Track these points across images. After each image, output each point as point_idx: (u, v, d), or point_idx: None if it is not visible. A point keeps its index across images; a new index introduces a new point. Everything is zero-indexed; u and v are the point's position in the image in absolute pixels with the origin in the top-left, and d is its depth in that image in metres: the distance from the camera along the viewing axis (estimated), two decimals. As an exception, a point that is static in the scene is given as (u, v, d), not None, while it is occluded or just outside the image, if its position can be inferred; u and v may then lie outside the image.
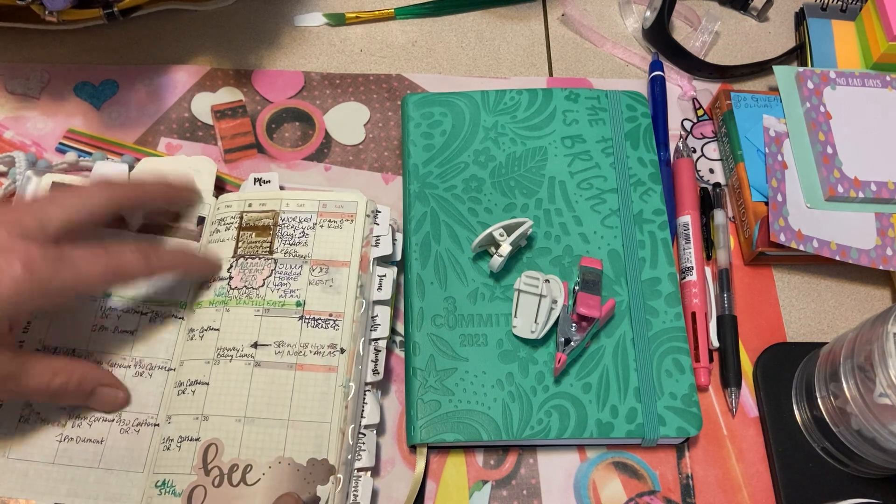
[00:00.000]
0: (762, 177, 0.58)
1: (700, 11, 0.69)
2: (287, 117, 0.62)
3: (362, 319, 0.50)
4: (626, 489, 0.51)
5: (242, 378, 0.48)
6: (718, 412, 0.54)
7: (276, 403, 0.48)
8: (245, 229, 0.53)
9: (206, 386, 0.48)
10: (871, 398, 0.46)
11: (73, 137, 0.59)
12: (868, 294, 0.59)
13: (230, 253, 0.52)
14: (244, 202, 0.54)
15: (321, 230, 0.53)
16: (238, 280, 0.51)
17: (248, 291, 0.51)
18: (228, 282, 0.51)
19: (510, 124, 0.59)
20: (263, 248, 0.52)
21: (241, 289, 0.51)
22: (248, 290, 0.51)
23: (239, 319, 0.50)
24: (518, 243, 0.53)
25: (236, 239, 0.53)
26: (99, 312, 0.50)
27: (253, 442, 0.46)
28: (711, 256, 0.59)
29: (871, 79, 0.62)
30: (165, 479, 0.46)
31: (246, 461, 0.46)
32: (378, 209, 0.54)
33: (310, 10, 0.67)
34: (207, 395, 0.48)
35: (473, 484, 0.50)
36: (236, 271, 0.51)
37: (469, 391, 0.50)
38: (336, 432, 0.47)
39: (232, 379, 0.48)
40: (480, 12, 0.69)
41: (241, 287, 0.51)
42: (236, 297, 0.50)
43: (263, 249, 0.52)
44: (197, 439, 0.46)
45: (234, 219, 0.53)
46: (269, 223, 0.53)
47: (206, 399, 0.47)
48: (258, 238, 0.52)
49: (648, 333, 0.52)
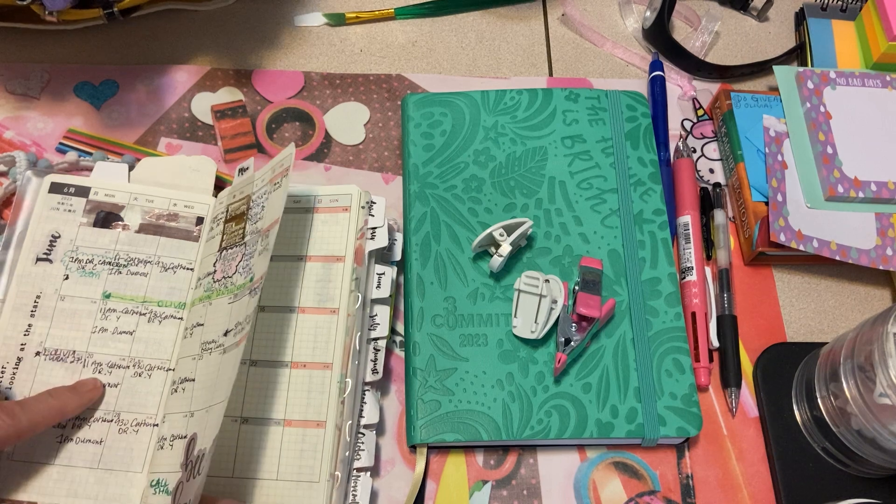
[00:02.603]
0: (762, 177, 0.58)
1: (700, 11, 0.69)
2: (287, 117, 0.62)
3: (358, 315, 0.50)
4: (626, 489, 0.51)
5: (214, 368, 0.47)
6: (718, 412, 0.54)
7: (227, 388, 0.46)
8: (229, 221, 0.53)
9: (193, 382, 0.48)
10: (871, 398, 0.46)
11: (74, 137, 0.59)
12: (868, 294, 0.59)
13: (216, 248, 0.52)
14: (230, 195, 0.54)
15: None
16: (220, 272, 0.51)
17: (224, 281, 0.50)
18: (213, 275, 0.51)
19: (510, 124, 0.59)
20: (238, 236, 0.51)
21: (220, 280, 0.50)
22: (225, 279, 0.50)
23: (218, 310, 0.49)
24: (518, 243, 0.53)
25: (222, 232, 0.53)
26: (99, 314, 0.50)
27: (213, 430, 0.44)
28: (711, 256, 0.59)
29: (871, 79, 0.62)
30: (160, 477, 0.46)
31: (203, 448, 0.44)
32: (373, 200, 0.54)
33: (310, 10, 0.67)
34: (194, 392, 0.47)
35: (473, 484, 0.50)
36: (219, 264, 0.51)
37: (469, 391, 0.50)
38: (333, 429, 0.47)
39: (211, 371, 0.47)
40: (480, 12, 0.69)
41: (221, 278, 0.50)
42: (217, 290, 0.50)
43: (238, 237, 0.51)
44: (185, 437, 0.46)
45: (223, 213, 0.53)
46: (244, 209, 0.52)
47: (192, 395, 0.47)
48: (237, 227, 0.52)
49: (648, 333, 0.52)
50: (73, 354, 0.49)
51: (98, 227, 0.52)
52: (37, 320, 0.49)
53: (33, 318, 0.49)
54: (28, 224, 0.52)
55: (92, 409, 0.48)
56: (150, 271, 0.52)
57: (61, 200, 0.53)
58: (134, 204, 0.54)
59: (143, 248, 0.52)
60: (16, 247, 0.51)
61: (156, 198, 0.54)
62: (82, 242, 0.52)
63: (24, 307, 0.49)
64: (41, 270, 0.50)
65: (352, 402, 0.48)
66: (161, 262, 0.52)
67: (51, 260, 0.51)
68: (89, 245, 0.52)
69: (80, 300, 0.50)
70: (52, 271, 0.51)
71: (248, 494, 0.46)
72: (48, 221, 0.52)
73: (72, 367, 0.49)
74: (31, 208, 0.52)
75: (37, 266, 0.51)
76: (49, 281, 0.50)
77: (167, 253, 0.53)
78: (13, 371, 0.48)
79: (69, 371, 0.49)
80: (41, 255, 0.51)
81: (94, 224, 0.52)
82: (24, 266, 0.50)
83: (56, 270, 0.51)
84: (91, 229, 0.52)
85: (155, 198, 0.54)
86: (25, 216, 0.52)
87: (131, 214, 0.53)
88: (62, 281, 0.50)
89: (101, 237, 0.52)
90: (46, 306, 0.50)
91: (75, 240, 0.52)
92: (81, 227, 0.52)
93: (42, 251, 0.51)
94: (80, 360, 0.49)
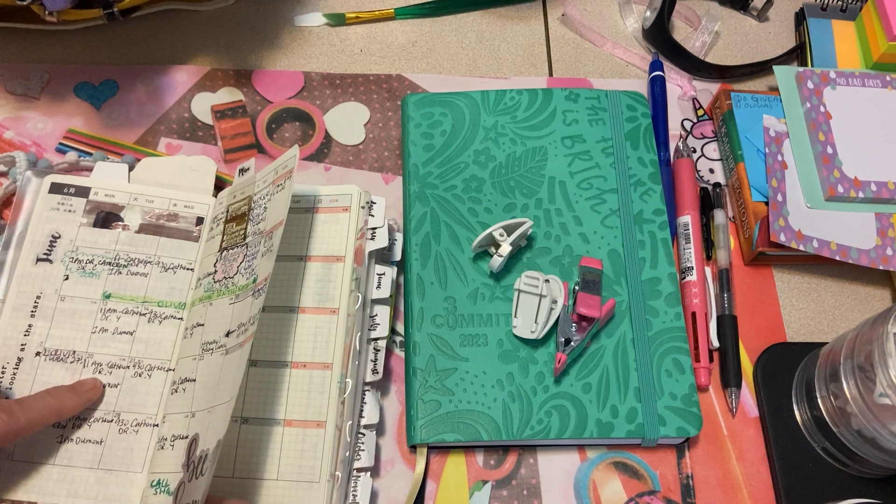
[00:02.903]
0: (762, 177, 0.58)
1: (700, 11, 0.69)
2: (287, 117, 0.62)
3: (358, 315, 0.50)
4: (626, 489, 0.51)
5: (216, 368, 0.47)
6: (718, 412, 0.54)
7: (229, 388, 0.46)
8: (229, 221, 0.53)
9: (193, 382, 0.48)
10: (871, 398, 0.46)
11: (74, 137, 0.59)
12: (868, 294, 0.59)
13: (216, 248, 0.52)
14: (231, 195, 0.54)
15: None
16: (220, 273, 0.51)
17: (226, 282, 0.50)
18: (213, 276, 0.51)
19: (510, 124, 0.59)
20: (239, 236, 0.52)
21: (221, 280, 0.50)
22: (226, 280, 0.50)
23: (219, 311, 0.49)
24: (518, 243, 0.53)
25: (223, 233, 0.53)
26: (99, 314, 0.50)
27: (218, 431, 0.44)
28: (711, 256, 0.59)
29: (871, 79, 0.62)
30: (160, 478, 0.46)
31: (206, 449, 0.44)
32: (373, 200, 0.54)
33: (310, 10, 0.67)
34: (195, 392, 0.47)
35: (473, 484, 0.50)
36: (220, 265, 0.51)
37: (469, 391, 0.50)
38: (333, 430, 0.47)
39: (212, 371, 0.47)
40: (480, 12, 0.69)
41: (222, 279, 0.50)
42: (217, 290, 0.50)
43: (239, 237, 0.52)
44: (186, 437, 0.46)
45: (223, 213, 0.53)
46: (245, 210, 0.52)
47: (193, 396, 0.47)
48: (237, 227, 0.52)
49: (648, 333, 0.52)
50: (73, 355, 0.49)
51: (98, 228, 0.52)
52: (37, 320, 0.49)
53: (33, 319, 0.49)
54: (28, 224, 0.52)
55: (92, 409, 0.48)
56: (150, 271, 0.52)
57: (61, 201, 0.53)
58: (134, 204, 0.54)
59: (143, 249, 0.52)
60: (16, 247, 0.51)
61: (156, 198, 0.54)
62: (82, 243, 0.52)
63: (25, 307, 0.49)
64: (41, 271, 0.50)
65: (352, 402, 0.48)
66: (161, 263, 0.52)
67: (51, 260, 0.51)
68: (89, 245, 0.52)
69: (81, 300, 0.50)
70: (52, 272, 0.51)
71: (249, 494, 0.46)
72: (48, 222, 0.52)
73: (72, 368, 0.49)
74: (31, 208, 0.52)
75: (37, 266, 0.51)
76: (49, 281, 0.50)
77: (167, 253, 0.53)
78: (13, 371, 0.48)
79: (69, 371, 0.49)
80: (41, 255, 0.51)
81: (94, 224, 0.52)
82: (25, 266, 0.50)
83: (56, 271, 0.51)
84: (91, 229, 0.52)
85: (155, 198, 0.54)
86: (25, 216, 0.52)
87: (131, 215, 0.53)
88: (62, 281, 0.50)
89: (101, 237, 0.52)
90: (47, 307, 0.50)
91: (75, 240, 0.52)
92: (81, 227, 0.52)
93: (42, 251, 0.51)
94: (81, 360, 0.49)
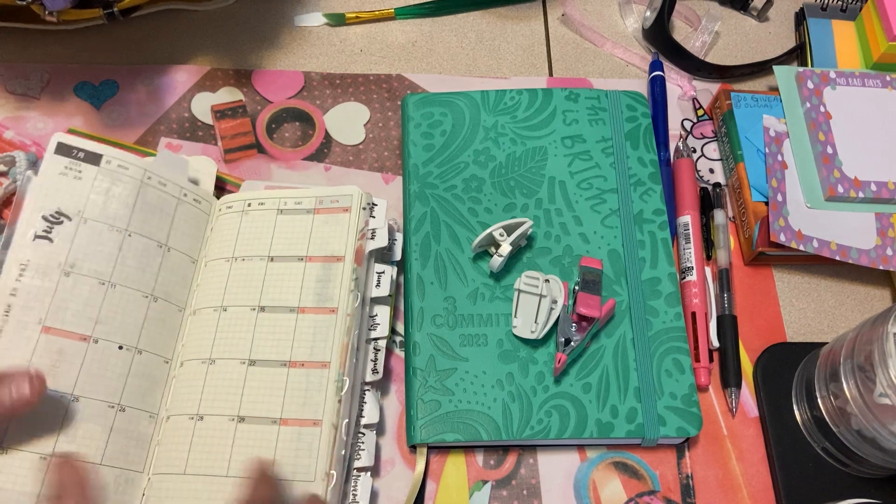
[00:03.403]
0: (762, 177, 0.58)
1: (700, 11, 0.69)
2: (287, 117, 0.62)
3: (357, 314, 0.50)
4: (626, 489, 0.51)
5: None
6: (718, 412, 0.54)
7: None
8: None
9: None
10: (871, 398, 0.46)
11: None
12: (868, 294, 0.59)
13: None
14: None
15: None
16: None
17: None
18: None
19: (510, 124, 0.59)
20: None
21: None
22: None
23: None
24: (518, 243, 0.53)
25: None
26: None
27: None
28: (711, 256, 0.59)
29: (871, 79, 0.62)
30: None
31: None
32: (374, 202, 0.54)
33: (310, 10, 0.67)
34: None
35: (473, 484, 0.50)
36: None
37: (469, 391, 0.50)
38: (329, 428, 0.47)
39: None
40: (480, 12, 0.69)
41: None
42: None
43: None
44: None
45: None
46: None
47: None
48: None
49: (648, 333, 0.52)
50: None
51: None
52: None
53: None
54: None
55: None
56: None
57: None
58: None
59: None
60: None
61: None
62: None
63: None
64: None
65: (349, 400, 0.48)
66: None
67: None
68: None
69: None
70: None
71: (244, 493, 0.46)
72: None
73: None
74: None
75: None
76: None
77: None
78: None
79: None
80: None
81: None
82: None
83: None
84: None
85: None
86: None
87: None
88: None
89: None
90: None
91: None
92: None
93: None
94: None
